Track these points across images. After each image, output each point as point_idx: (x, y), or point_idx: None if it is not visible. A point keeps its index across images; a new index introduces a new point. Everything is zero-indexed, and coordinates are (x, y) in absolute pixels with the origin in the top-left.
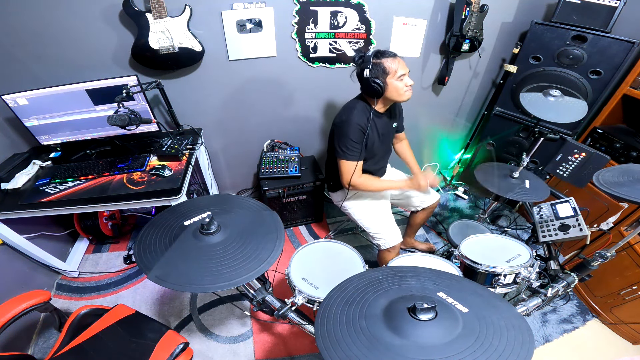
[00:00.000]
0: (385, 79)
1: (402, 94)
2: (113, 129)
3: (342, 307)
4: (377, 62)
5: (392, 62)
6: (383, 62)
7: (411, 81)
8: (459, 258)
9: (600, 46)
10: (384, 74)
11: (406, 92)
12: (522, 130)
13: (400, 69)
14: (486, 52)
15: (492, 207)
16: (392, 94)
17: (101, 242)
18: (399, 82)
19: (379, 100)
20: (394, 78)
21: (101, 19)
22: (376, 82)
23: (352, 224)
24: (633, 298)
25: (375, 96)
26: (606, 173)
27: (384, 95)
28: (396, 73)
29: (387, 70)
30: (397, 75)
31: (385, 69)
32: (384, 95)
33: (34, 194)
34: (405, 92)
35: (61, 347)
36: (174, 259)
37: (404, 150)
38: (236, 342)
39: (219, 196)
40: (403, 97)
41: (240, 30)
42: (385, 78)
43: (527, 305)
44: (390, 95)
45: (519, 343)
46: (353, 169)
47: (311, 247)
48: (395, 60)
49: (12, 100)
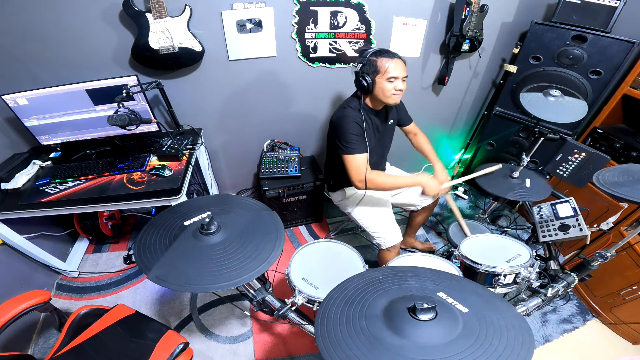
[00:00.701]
0: (375, 77)
1: (388, 96)
2: (113, 129)
3: (342, 307)
4: (373, 59)
5: (387, 62)
6: (378, 60)
7: (402, 86)
8: (459, 258)
9: (600, 46)
10: (374, 72)
11: (393, 96)
12: (522, 130)
13: (393, 71)
14: (486, 52)
15: (492, 207)
16: (378, 93)
17: (101, 242)
18: (388, 84)
19: (369, 98)
20: (383, 78)
21: (101, 19)
22: (365, 78)
23: (352, 224)
24: (633, 298)
25: (362, 92)
26: (606, 173)
27: (372, 94)
28: (387, 73)
29: (378, 69)
30: (387, 77)
31: (377, 67)
32: (372, 93)
33: (34, 194)
34: (392, 95)
35: (61, 347)
36: (174, 259)
37: (421, 145)
38: (236, 342)
39: (219, 196)
40: (388, 99)
41: (240, 30)
42: (374, 76)
43: (527, 305)
44: (377, 94)
45: (519, 343)
46: (362, 163)
47: (311, 247)
48: (391, 61)
49: (12, 100)
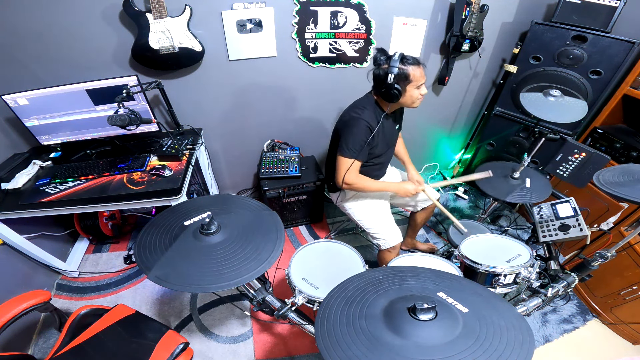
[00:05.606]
0: (406, 86)
1: (415, 101)
2: (113, 129)
3: (342, 307)
4: (404, 68)
5: (416, 70)
6: (409, 68)
7: (426, 90)
8: (459, 258)
9: (600, 46)
10: (406, 80)
11: (418, 101)
12: (522, 130)
13: (421, 78)
14: (486, 52)
15: (492, 207)
16: (406, 101)
17: (101, 242)
18: (416, 91)
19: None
20: (413, 87)
21: (101, 19)
22: (396, 87)
23: (352, 224)
24: (633, 298)
25: (390, 100)
26: (606, 173)
27: (399, 101)
28: (417, 82)
29: (410, 78)
30: (418, 84)
31: (409, 76)
32: (399, 101)
33: (34, 194)
34: (418, 100)
35: (61, 347)
36: (174, 259)
37: (398, 148)
38: (236, 342)
39: (219, 196)
40: (414, 105)
41: (241, 30)
42: (406, 85)
43: (527, 305)
44: (404, 101)
45: (519, 343)
46: (353, 168)
47: (311, 247)
48: (418, 68)
49: (12, 100)
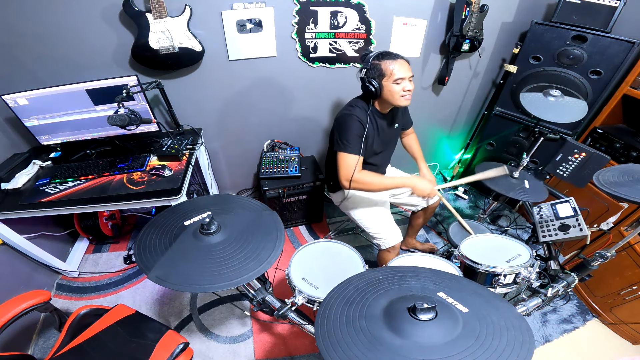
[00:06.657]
0: (381, 81)
1: (398, 98)
2: (113, 129)
3: (342, 307)
4: (376, 63)
5: (392, 64)
6: (382, 63)
7: (410, 86)
8: (459, 258)
9: (600, 46)
10: (380, 75)
11: (402, 97)
12: (522, 130)
13: (399, 73)
14: (486, 52)
15: (492, 207)
16: (388, 97)
17: (101, 242)
18: (395, 86)
19: (377, 101)
20: (389, 81)
21: (101, 19)
22: (372, 83)
23: (352, 224)
24: (633, 298)
25: (371, 97)
26: (606, 173)
27: (381, 97)
28: (392, 76)
29: (383, 72)
30: (394, 79)
31: (382, 70)
32: (381, 97)
33: (34, 194)
34: (402, 96)
35: (61, 347)
36: (174, 259)
37: (411, 143)
38: (236, 342)
39: (219, 196)
40: (398, 101)
41: (240, 30)
42: (381, 80)
43: (527, 305)
44: (386, 98)
45: (519, 343)
46: (353, 163)
47: (311, 247)
48: (395, 62)
49: (12, 100)
